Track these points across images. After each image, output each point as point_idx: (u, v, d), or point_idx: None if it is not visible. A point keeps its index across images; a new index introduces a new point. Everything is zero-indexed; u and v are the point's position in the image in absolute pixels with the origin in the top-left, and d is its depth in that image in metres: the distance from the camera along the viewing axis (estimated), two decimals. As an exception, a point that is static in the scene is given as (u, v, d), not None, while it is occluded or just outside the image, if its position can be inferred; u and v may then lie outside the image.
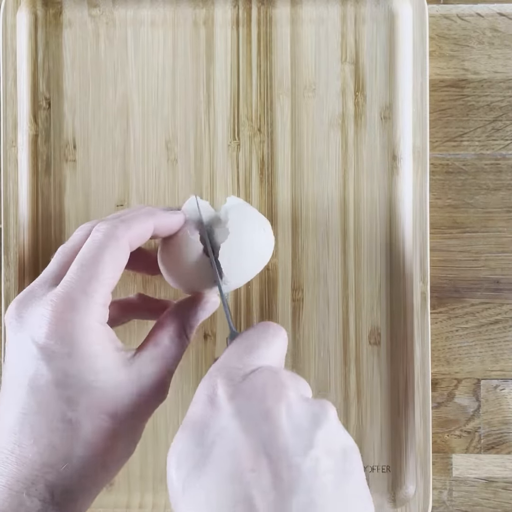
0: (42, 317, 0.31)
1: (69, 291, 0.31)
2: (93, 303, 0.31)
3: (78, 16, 0.42)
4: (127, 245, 0.33)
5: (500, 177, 0.43)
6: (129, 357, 0.33)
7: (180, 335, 0.35)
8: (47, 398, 0.30)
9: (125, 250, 0.33)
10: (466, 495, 0.43)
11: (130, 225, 0.33)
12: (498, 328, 0.43)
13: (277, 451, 0.27)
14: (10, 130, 0.41)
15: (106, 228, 0.33)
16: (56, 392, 0.30)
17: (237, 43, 0.42)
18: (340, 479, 0.28)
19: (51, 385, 0.30)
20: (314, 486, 0.27)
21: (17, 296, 0.33)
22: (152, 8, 0.42)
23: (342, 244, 0.42)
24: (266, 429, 0.28)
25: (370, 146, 0.42)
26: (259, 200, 0.42)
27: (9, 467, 0.29)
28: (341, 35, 0.42)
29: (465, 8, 0.43)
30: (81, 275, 0.31)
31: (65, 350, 0.31)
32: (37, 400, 0.30)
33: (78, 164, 0.42)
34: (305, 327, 0.42)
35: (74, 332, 0.31)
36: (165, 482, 0.41)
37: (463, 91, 0.43)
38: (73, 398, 0.31)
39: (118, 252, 0.32)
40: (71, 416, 0.31)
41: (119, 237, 0.32)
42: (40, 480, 0.30)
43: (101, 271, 0.32)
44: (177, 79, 0.42)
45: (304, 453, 0.28)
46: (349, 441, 0.30)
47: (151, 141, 0.42)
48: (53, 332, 0.31)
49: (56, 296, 0.31)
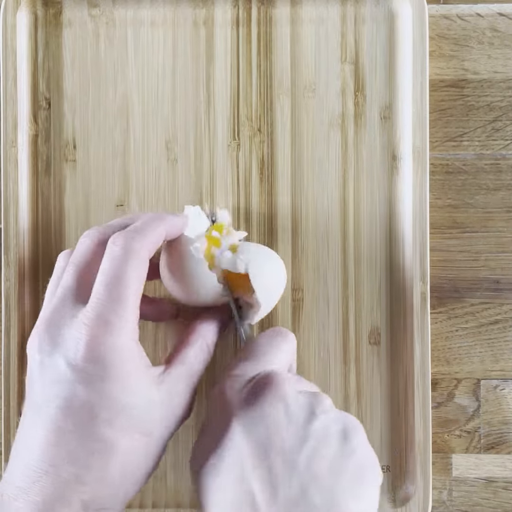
0: (78, 340, 0.31)
1: (100, 313, 0.31)
2: (125, 322, 0.31)
3: (78, 16, 0.42)
4: (147, 256, 0.33)
5: (500, 177, 0.43)
6: (159, 375, 0.33)
7: (204, 352, 0.36)
8: (83, 419, 0.31)
9: (146, 262, 0.33)
10: (466, 495, 0.43)
11: (145, 234, 0.33)
12: (498, 328, 0.43)
13: (275, 451, 0.31)
14: (10, 130, 0.41)
15: (124, 241, 0.32)
16: (92, 413, 0.31)
17: (237, 43, 0.42)
18: (339, 463, 0.31)
19: (87, 406, 0.31)
20: (308, 478, 0.30)
21: (43, 316, 0.33)
22: (152, 8, 0.42)
23: (342, 244, 0.42)
24: (264, 432, 0.31)
25: (370, 146, 0.42)
26: (259, 200, 0.42)
27: (44, 487, 0.30)
28: (341, 35, 0.42)
29: (465, 8, 0.43)
30: (109, 295, 0.31)
31: (101, 373, 0.31)
32: (73, 421, 0.31)
33: (78, 164, 0.42)
34: (305, 327, 0.42)
35: (108, 354, 0.31)
36: (165, 482, 0.41)
37: (463, 91, 0.43)
38: (108, 418, 0.31)
39: (140, 265, 0.32)
40: (106, 436, 0.31)
41: (139, 250, 0.32)
42: (76, 500, 0.30)
43: (127, 288, 0.32)
44: (177, 79, 0.42)
45: (300, 448, 0.31)
46: (349, 422, 0.32)
47: (151, 141, 0.42)
48: (89, 356, 0.31)
49: (88, 319, 0.31)
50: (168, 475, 0.41)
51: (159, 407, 0.33)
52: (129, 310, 0.32)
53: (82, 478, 0.30)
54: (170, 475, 0.41)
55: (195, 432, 0.41)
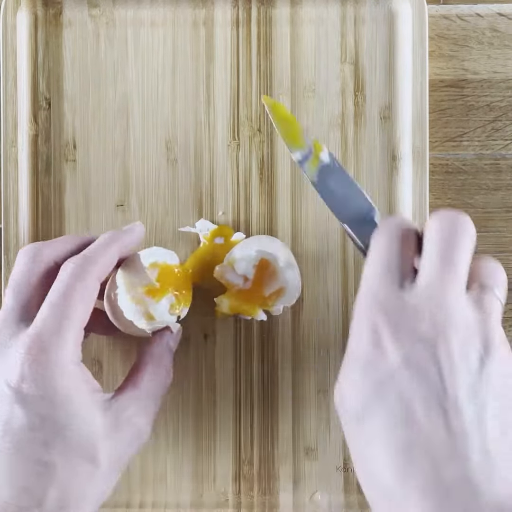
0: (16, 360, 0.31)
1: (41, 333, 0.31)
2: (64, 343, 0.31)
3: (78, 16, 0.42)
4: (95, 282, 0.33)
5: (500, 177, 0.43)
6: (106, 400, 0.33)
7: (159, 374, 0.35)
8: (22, 441, 0.30)
9: (93, 287, 0.33)
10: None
11: (95, 260, 0.34)
12: (497, 328, 0.43)
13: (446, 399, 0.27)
14: (10, 130, 0.41)
15: (73, 268, 0.33)
16: (31, 435, 0.30)
17: (237, 43, 0.42)
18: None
19: (26, 428, 0.30)
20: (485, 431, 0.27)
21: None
22: (152, 8, 0.42)
23: (342, 244, 0.42)
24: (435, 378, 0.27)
25: (370, 146, 0.42)
26: (259, 200, 0.42)
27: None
28: (341, 35, 0.42)
29: (465, 9, 0.43)
30: (52, 316, 0.32)
31: (39, 393, 0.30)
32: (12, 443, 0.30)
33: (78, 164, 0.42)
34: (305, 327, 0.42)
35: (47, 374, 0.31)
36: (165, 482, 0.41)
37: (462, 91, 0.43)
38: (48, 441, 0.30)
39: (87, 291, 0.33)
40: (46, 459, 0.30)
41: (86, 277, 0.33)
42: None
43: (71, 311, 0.32)
44: (177, 79, 0.42)
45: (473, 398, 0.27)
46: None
47: (151, 141, 0.42)
48: (26, 375, 0.30)
49: (28, 337, 0.31)
50: (168, 475, 0.41)
51: (102, 432, 0.32)
52: (71, 331, 0.32)
53: (20, 502, 0.30)
54: (170, 475, 0.41)
55: (194, 432, 0.41)
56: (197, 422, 0.41)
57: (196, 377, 0.41)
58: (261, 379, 0.41)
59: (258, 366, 0.42)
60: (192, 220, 0.42)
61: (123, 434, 0.33)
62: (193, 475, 0.41)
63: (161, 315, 0.37)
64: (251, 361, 0.42)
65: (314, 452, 0.41)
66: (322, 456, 0.41)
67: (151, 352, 0.36)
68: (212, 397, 0.41)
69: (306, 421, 0.41)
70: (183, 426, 0.42)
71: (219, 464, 0.41)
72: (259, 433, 0.41)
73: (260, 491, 0.41)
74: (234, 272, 0.39)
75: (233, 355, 0.42)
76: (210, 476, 0.41)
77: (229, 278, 0.39)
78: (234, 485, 0.41)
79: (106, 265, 0.34)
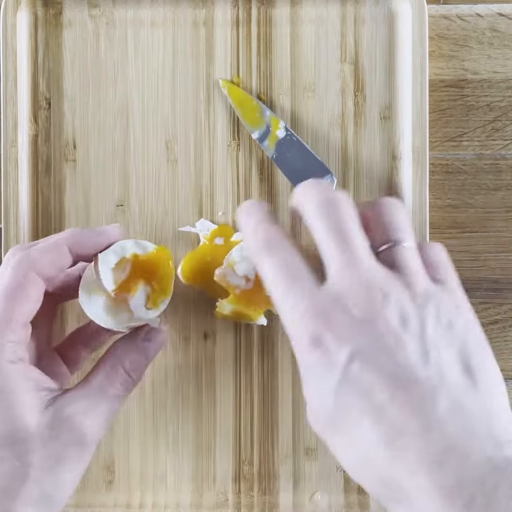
0: None
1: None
2: (5, 341, 0.31)
3: (78, 16, 0.42)
4: (36, 278, 0.32)
5: (499, 177, 0.43)
6: (49, 398, 0.32)
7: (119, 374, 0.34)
8: None
9: (34, 284, 0.32)
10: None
11: (38, 255, 0.33)
12: (497, 328, 0.43)
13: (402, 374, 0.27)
14: (10, 130, 0.41)
15: (14, 263, 0.32)
16: None
17: (237, 43, 0.42)
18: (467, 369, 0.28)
19: None
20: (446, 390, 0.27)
21: None
22: (152, 8, 0.42)
23: (342, 244, 0.42)
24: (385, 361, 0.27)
25: (370, 146, 0.42)
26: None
27: None
28: (341, 35, 0.42)
29: (465, 9, 0.43)
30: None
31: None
32: None
33: (78, 164, 0.42)
34: (305, 327, 0.42)
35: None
36: (165, 482, 0.41)
37: (462, 91, 0.43)
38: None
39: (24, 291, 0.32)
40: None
41: (26, 273, 0.32)
42: None
43: (7, 309, 0.31)
44: (177, 79, 0.42)
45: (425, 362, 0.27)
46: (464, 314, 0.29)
47: (151, 141, 0.42)
48: None
49: None
50: (168, 475, 0.41)
51: (35, 431, 0.31)
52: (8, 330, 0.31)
53: None
54: (170, 475, 0.41)
55: (194, 432, 0.41)
56: (197, 422, 0.41)
57: (196, 377, 0.41)
58: (261, 379, 0.41)
59: (258, 366, 0.42)
60: (192, 220, 0.42)
61: (58, 432, 0.31)
62: (193, 475, 0.41)
63: (136, 309, 0.36)
64: (251, 361, 0.42)
65: (314, 452, 0.41)
66: (322, 456, 0.41)
67: (114, 348, 0.35)
68: (212, 397, 0.41)
69: (306, 421, 0.41)
70: (183, 426, 0.42)
71: (219, 464, 0.41)
72: (259, 433, 0.41)
73: (260, 491, 0.41)
74: (235, 273, 0.39)
75: (233, 355, 0.42)
76: (210, 476, 0.41)
77: (230, 280, 0.39)
78: (234, 485, 0.41)
79: (50, 261, 0.33)
